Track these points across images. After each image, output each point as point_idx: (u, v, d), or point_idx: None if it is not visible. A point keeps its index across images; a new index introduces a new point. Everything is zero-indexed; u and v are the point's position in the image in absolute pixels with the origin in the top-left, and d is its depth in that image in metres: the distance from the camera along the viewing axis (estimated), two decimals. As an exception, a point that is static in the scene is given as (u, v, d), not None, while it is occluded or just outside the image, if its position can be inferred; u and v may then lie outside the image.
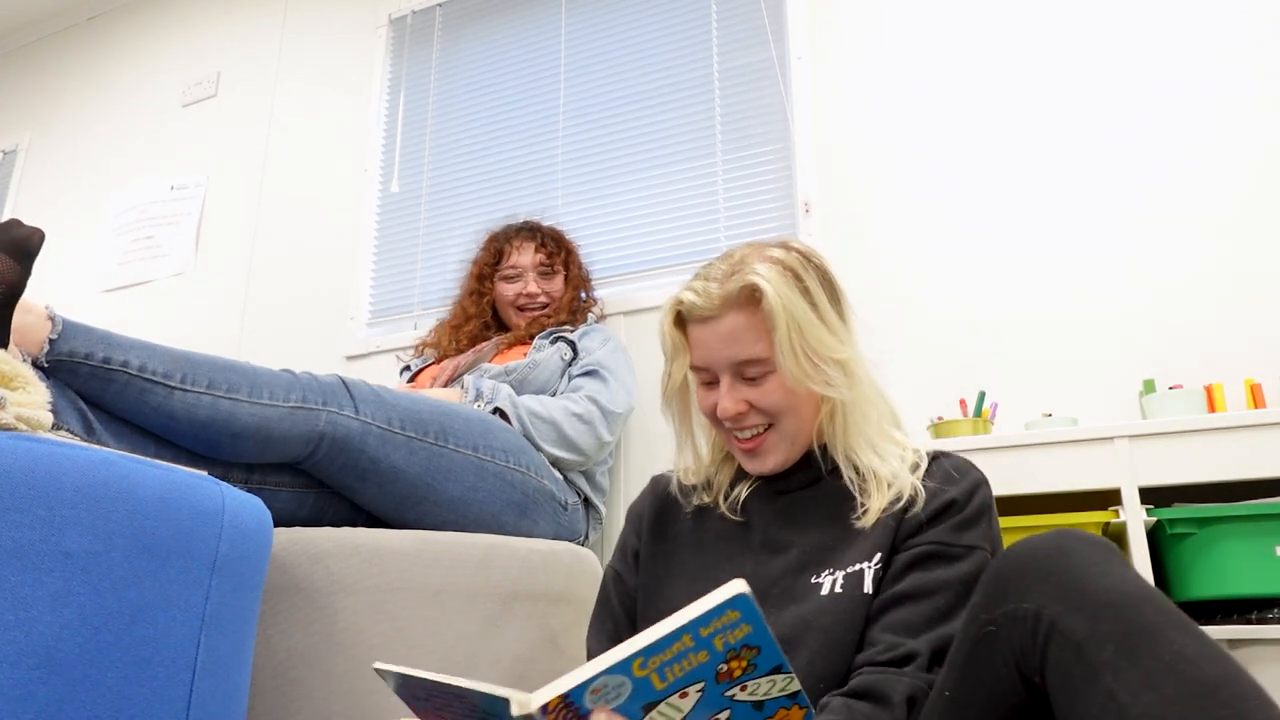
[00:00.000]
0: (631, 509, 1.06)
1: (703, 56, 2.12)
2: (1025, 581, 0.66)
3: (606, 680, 0.57)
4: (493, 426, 1.42)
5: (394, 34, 2.61)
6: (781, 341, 0.87)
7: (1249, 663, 1.21)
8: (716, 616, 0.58)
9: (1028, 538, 0.70)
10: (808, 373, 0.88)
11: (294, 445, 1.19)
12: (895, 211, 1.84)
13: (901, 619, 0.81)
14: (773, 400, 0.91)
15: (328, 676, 1.10)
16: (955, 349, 1.70)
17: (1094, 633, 0.60)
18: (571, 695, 0.57)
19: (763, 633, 0.60)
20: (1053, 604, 0.63)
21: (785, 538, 0.92)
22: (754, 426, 0.93)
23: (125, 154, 3.03)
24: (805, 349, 0.88)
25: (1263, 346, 1.50)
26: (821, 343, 0.88)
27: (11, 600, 0.68)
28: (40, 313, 1.04)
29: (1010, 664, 0.65)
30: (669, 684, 0.60)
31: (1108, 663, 0.59)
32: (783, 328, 0.87)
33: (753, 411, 0.92)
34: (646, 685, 0.59)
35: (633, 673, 0.58)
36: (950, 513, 0.86)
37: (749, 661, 0.61)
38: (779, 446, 0.93)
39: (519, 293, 1.86)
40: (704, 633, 0.58)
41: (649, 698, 0.60)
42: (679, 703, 0.61)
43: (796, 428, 0.93)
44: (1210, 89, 1.65)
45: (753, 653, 0.61)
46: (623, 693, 0.58)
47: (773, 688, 0.64)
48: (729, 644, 0.59)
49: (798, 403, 0.91)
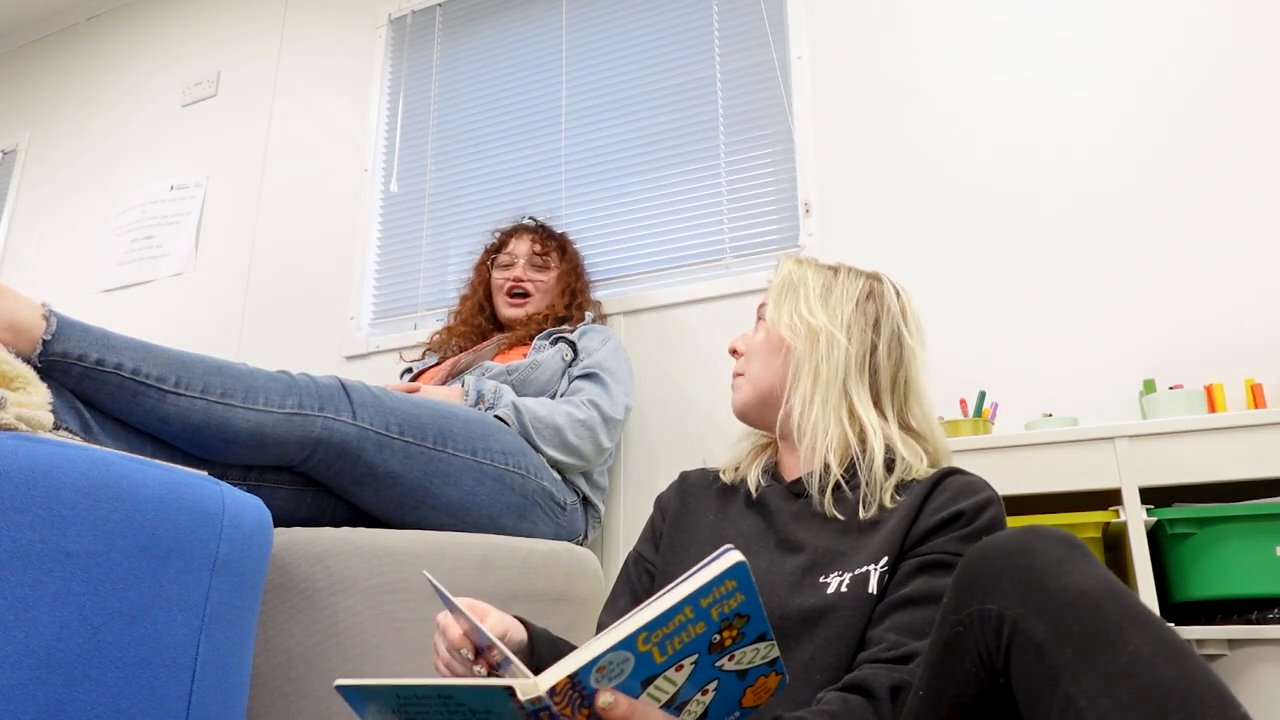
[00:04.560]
0: (660, 497, 1.13)
1: (704, 57, 2.12)
2: (989, 581, 0.66)
3: (611, 657, 0.57)
4: (491, 429, 1.41)
5: (394, 34, 2.61)
6: (774, 288, 1.08)
7: (1249, 663, 1.21)
8: (716, 586, 0.59)
9: (994, 535, 0.70)
10: (782, 318, 1.05)
11: (290, 450, 1.19)
12: (895, 211, 1.84)
13: (906, 621, 0.83)
14: (754, 342, 1.08)
15: (328, 676, 1.10)
16: (955, 349, 1.70)
17: (1054, 634, 0.60)
18: (579, 675, 0.57)
19: (753, 601, 0.61)
20: (1015, 605, 0.63)
21: (800, 538, 0.94)
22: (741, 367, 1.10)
23: (125, 154, 3.03)
24: (793, 304, 1.05)
25: (1263, 346, 1.50)
26: (809, 305, 1.04)
27: (11, 600, 0.68)
28: (37, 311, 1.04)
29: (976, 665, 0.66)
30: (668, 657, 0.60)
31: (1067, 665, 0.59)
32: (780, 282, 1.08)
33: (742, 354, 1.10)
34: (648, 660, 0.59)
35: (637, 648, 0.58)
36: (958, 524, 0.88)
37: (739, 630, 0.62)
38: (741, 385, 1.09)
39: (507, 278, 1.90)
40: (704, 604, 0.59)
41: (649, 672, 0.60)
42: (675, 676, 0.61)
43: (758, 372, 1.07)
44: (1210, 89, 1.65)
45: (743, 621, 0.62)
46: (625, 669, 0.59)
47: (755, 656, 0.65)
48: (724, 614, 0.60)
49: (767, 352, 1.06)
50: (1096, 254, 1.65)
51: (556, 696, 0.56)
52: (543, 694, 0.55)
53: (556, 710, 0.56)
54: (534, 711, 0.56)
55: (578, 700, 0.58)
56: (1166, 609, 1.27)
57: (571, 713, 0.58)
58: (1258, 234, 1.55)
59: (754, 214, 1.97)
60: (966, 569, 0.69)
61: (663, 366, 1.96)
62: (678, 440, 1.89)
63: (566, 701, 0.57)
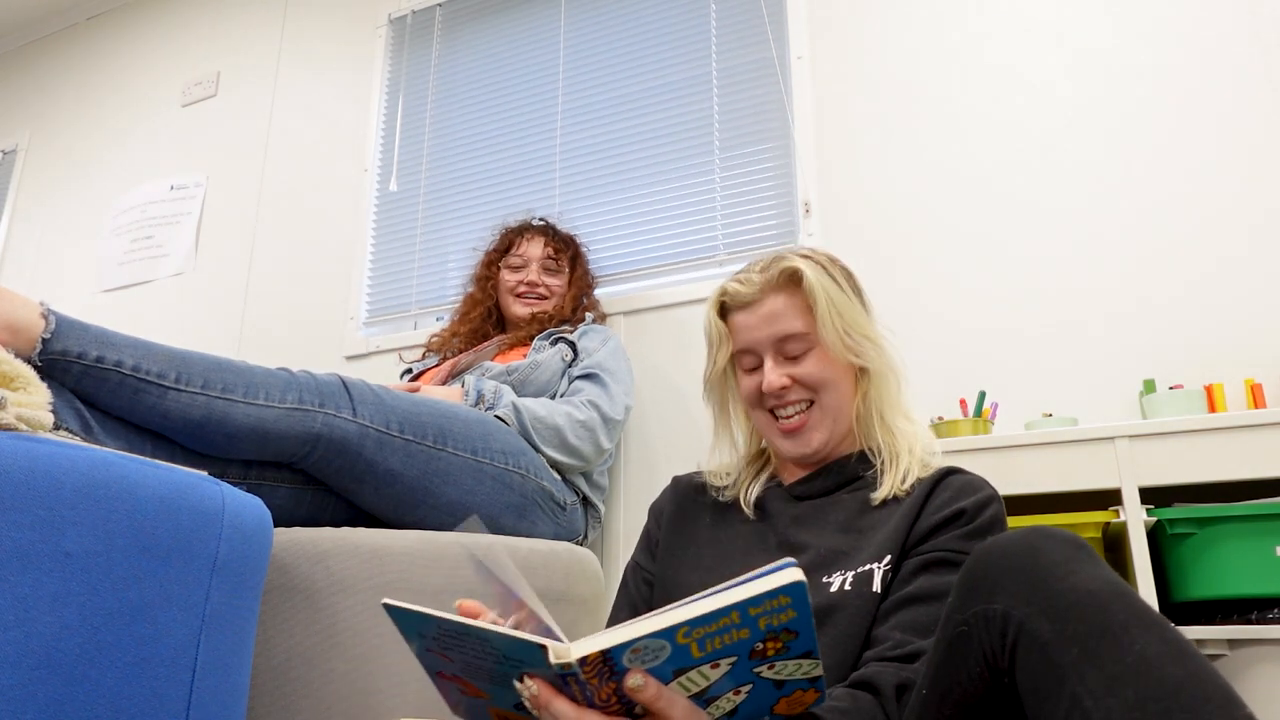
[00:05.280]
0: (654, 505, 1.11)
1: (702, 56, 2.12)
2: (994, 581, 0.66)
3: (649, 643, 0.58)
4: (491, 429, 1.42)
5: (393, 34, 2.61)
6: (822, 314, 0.96)
7: (1249, 663, 1.21)
8: (770, 599, 0.58)
9: (999, 535, 0.70)
10: (846, 344, 0.97)
11: (290, 445, 1.19)
12: (895, 211, 1.84)
13: (910, 619, 0.83)
14: (814, 372, 0.98)
15: (328, 676, 1.10)
16: (955, 349, 1.70)
17: (1061, 634, 0.60)
18: (613, 653, 0.58)
19: (805, 619, 0.60)
20: (1021, 605, 0.63)
21: (802, 540, 0.94)
22: (797, 404, 0.99)
23: (125, 154, 3.03)
24: (842, 324, 0.97)
25: (1263, 346, 1.50)
26: (855, 320, 0.98)
27: (11, 600, 0.68)
28: (35, 309, 1.04)
29: (981, 664, 0.66)
30: (706, 654, 0.60)
31: (1073, 665, 0.59)
32: (823, 302, 0.96)
33: (795, 386, 0.98)
34: (685, 652, 0.59)
35: (675, 640, 0.58)
36: (959, 522, 0.88)
37: (785, 644, 0.61)
38: (822, 424, 0.98)
39: (520, 280, 1.88)
40: (753, 612, 0.59)
41: (683, 663, 0.60)
42: (709, 672, 0.61)
43: (837, 403, 0.99)
44: (1209, 89, 1.65)
45: (790, 636, 0.61)
46: (661, 655, 0.59)
47: (797, 670, 0.64)
48: (771, 626, 0.60)
49: (837, 376, 0.99)
50: (1096, 253, 1.65)
51: (586, 667, 0.58)
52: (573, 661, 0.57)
53: (584, 679, 0.58)
54: (562, 675, 0.58)
55: (606, 674, 0.59)
56: (1166, 609, 1.27)
57: (599, 684, 0.59)
58: (1258, 234, 1.55)
59: (753, 214, 1.97)
60: (972, 568, 0.69)
61: (663, 366, 1.96)
62: (678, 440, 1.89)
63: (595, 673, 0.58)
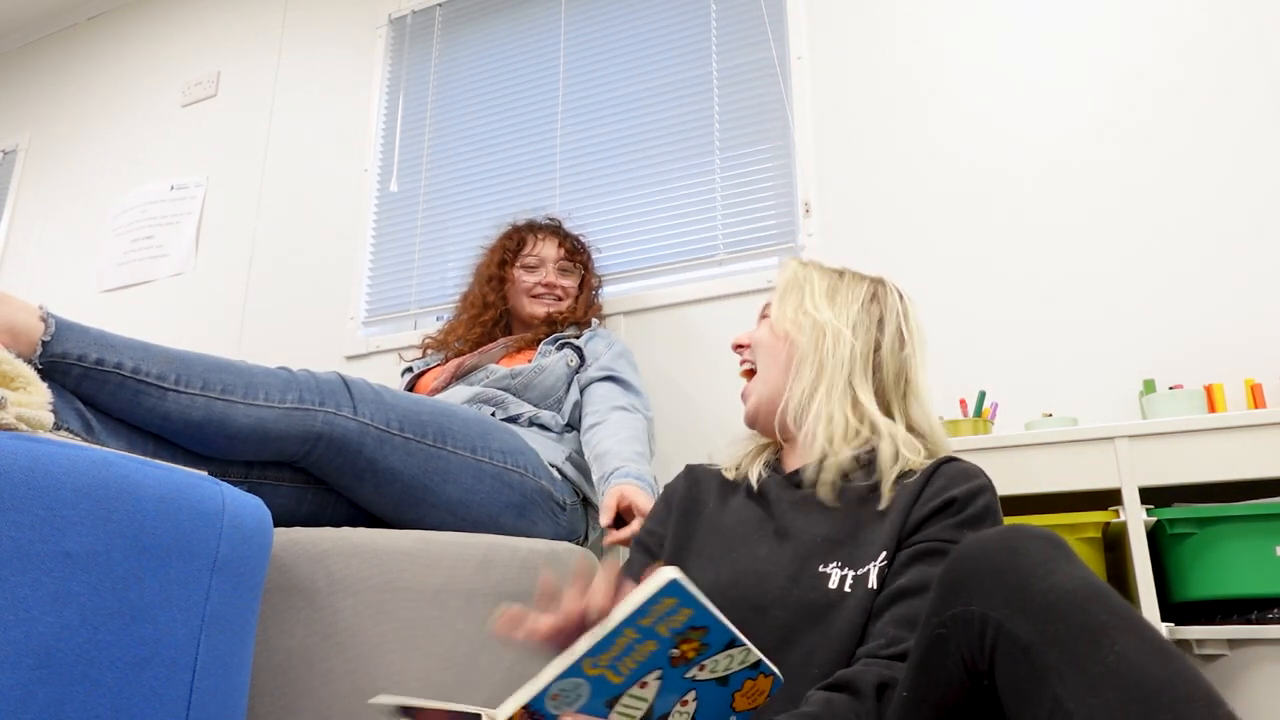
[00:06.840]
0: (667, 487, 1.14)
1: (702, 56, 2.12)
2: (973, 583, 0.65)
3: (563, 685, 0.58)
4: (490, 427, 1.42)
5: (394, 34, 2.61)
6: (779, 286, 1.09)
7: (1249, 663, 1.21)
8: (654, 605, 0.58)
9: (976, 535, 0.69)
10: (787, 314, 1.05)
11: (290, 444, 1.19)
12: (895, 211, 1.84)
13: (903, 614, 0.83)
14: (759, 335, 1.09)
15: (328, 676, 1.10)
16: (955, 349, 1.70)
17: (1040, 636, 0.60)
18: (532, 705, 0.58)
19: (705, 613, 0.60)
20: (1000, 606, 0.63)
21: (799, 526, 0.95)
22: (746, 362, 1.11)
23: (125, 154, 3.03)
24: (797, 301, 1.05)
25: (1263, 346, 1.50)
26: (814, 303, 1.04)
27: (11, 600, 0.68)
28: (34, 313, 1.04)
29: (960, 668, 0.65)
30: (625, 677, 0.60)
31: (1053, 667, 0.58)
32: (785, 281, 1.09)
33: (749, 349, 1.11)
34: (603, 682, 0.59)
35: (585, 673, 0.59)
36: (950, 510, 0.88)
37: (700, 642, 0.62)
38: (755, 389, 1.08)
39: (538, 281, 1.86)
40: (645, 623, 0.59)
41: (610, 693, 0.60)
42: (641, 693, 0.62)
43: (767, 368, 1.06)
44: (1209, 89, 1.64)
45: (701, 633, 0.61)
46: (582, 693, 0.59)
47: (731, 662, 0.64)
48: (674, 629, 0.60)
49: (774, 348, 1.06)
50: (1096, 253, 1.65)
51: None
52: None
53: None
54: None
55: None
56: (1166, 609, 1.27)
57: None
58: (1258, 234, 1.55)
59: (753, 214, 1.97)
60: (949, 570, 0.68)
61: (663, 366, 1.96)
62: (679, 440, 1.89)
63: None
